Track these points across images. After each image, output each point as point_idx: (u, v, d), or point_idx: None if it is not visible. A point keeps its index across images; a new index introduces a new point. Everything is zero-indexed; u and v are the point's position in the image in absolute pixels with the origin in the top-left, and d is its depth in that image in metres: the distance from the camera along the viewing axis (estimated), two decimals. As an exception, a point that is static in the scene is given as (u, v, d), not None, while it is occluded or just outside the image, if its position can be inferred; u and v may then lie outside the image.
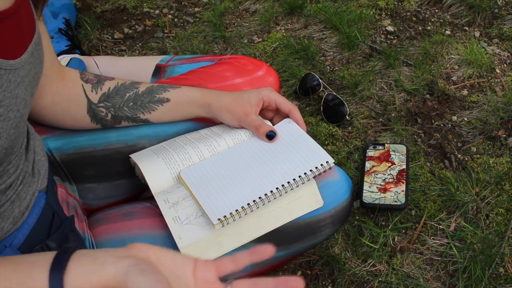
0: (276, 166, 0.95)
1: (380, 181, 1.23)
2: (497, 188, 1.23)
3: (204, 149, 0.98)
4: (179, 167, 0.96)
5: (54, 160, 0.99)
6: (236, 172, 0.96)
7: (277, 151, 0.98)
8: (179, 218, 0.90)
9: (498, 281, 1.10)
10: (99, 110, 0.96)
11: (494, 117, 1.35)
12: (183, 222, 0.89)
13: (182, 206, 0.91)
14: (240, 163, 0.97)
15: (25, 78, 0.71)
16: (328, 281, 1.13)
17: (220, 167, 0.97)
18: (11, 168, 0.76)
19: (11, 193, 0.78)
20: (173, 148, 0.98)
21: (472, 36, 1.55)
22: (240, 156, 0.99)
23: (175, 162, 0.96)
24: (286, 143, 0.99)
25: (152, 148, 1.00)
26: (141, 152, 0.99)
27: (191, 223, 0.89)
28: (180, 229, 0.88)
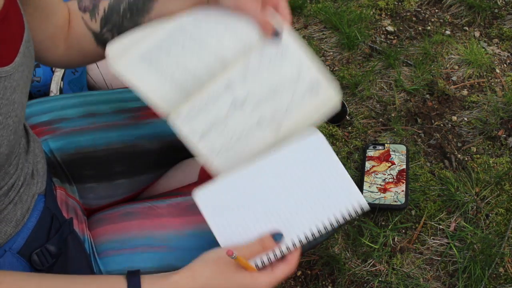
0: (304, 208, 0.84)
1: (380, 181, 1.23)
2: (497, 188, 1.23)
3: (212, 58, 0.85)
4: (182, 81, 0.85)
5: (55, 161, 0.99)
6: (257, 207, 0.84)
7: (307, 185, 0.85)
8: (214, 149, 0.82)
9: (498, 281, 1.10)
10: (105, 37, 0.91)
11: (494, 117, 1.35)
12: (218, 152, 0.83)
13: (213, 136, 0.83)
14: (262, 195, 0.85)
15: (20, 81, 0.71)
16: (328, 281, 1.13)
17: (239, 197, 0.85)
18: (11, 169, 0.76)
19: (13, 194, 0.78)
20: (172, 61, 0.86)
21: (472, 36, 1.55)
22: (264, 185, 0.86)
23: (175, 76, 0.85)
24: (318, 173, 0.86)
25: (143, 56, 0.86)
26: (132, 65, 0.86)
27: (225, 151, 0.83)
28: (214, 159, 0.82)
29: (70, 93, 1.30)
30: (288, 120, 0.82)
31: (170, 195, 0.98)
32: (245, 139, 0.83)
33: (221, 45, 0.85)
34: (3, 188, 0.76)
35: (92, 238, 0.92)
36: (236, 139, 0.83)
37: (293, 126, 0.83)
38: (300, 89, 0.82)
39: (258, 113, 0.83)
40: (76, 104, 1.05)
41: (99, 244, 0.91)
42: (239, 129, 0.83)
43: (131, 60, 0.86)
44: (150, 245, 0.90)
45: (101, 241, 0.91)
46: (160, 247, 0.90)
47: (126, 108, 1.06)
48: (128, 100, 1.08)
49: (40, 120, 1.02)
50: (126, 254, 0.89)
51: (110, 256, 0.89)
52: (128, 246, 0.90)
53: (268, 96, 0.83)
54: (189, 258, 0.91)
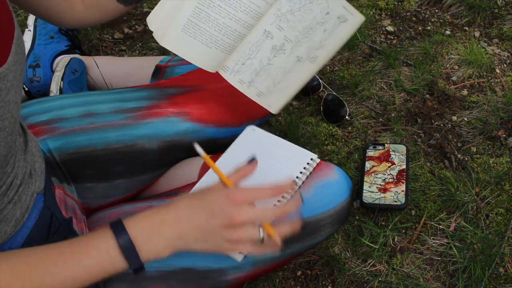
0: (267, 180, 0.93)
1: (380, 181, 1.23)
2: (497, 188, 1.23)
3: (248, 18, 0.93)
4: (224, 41, 0.93)
5: (53, 160, 1.00)
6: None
7: (259, 164, 0.95)
8: (261, 93, 0.98)
9: (498, 281, 1.10)
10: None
11: (494, 117, 1.35)
12: (266, 94, 0.98)
13: (259, 81, 0.97)
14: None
15: (13, 81, 0.70)
16: (328, 281, 1.13)
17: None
18: (8, 168, 0.76)
19: (11, 193, 0.78)
20: (214, 28, 0.92)
21: (472, 36, 1.55)
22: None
23: (229, 45, 0.94)
24: (264, 152, 0.97)
25: (184, 29, 0.92)
26: (177, 40, 0.93)
27: (273, 91, 0.97)
28: (266, 100, 0.98)
29: (69, 93, 1.30)
30: (322, 51, 0.96)
31: (169, 195, 0.98)
32: (289, 75, 0.97)
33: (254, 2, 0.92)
34: (2, 188, 0.76)
35: (92, 237, 0.91)
36: (280, 79, 0.97)
37: (328, 53, 0.96)
38: (330, 25, 0.93)
39: (296, 53, 0.96)
40: (75, 103, 1.05)
41: (98, 244, 0.90)
42: (282, 70, 0.97)
43: (174, 35, 0.93)
44: (149, 245, 0.90)
45: (101, 241, 0.91)
46: (159, 247, 0.90)
47: (125, 108, 1.06)
48: (128, 100, 1.08)
49: (39, 120, 1.02)
50: (125, 253, 0.89)
51: (110, 256, 0.89)
52: (128, 245, 0.90)
53: (303, 38, 0.95)
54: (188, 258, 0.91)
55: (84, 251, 0.71)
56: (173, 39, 0.92)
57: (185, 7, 0.90)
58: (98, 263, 0.72)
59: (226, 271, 0.93)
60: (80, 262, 0.71)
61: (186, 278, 0.91)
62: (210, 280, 0.92)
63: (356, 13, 0.93)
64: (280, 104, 1.00)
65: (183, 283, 0.91)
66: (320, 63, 0.97)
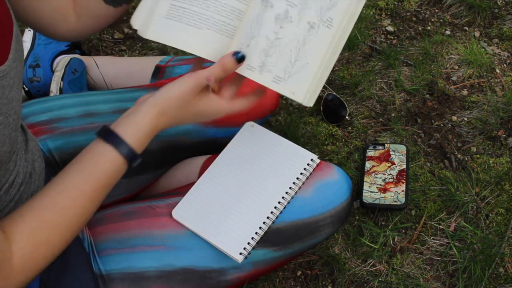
0: (268, 180, 0.93)
1: (380, 181, 1.23)
2: (497, 188, 1.23)
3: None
4: (230, 25, 0.81)
5: (53, 160, 0.99)
6: (229, 200, 0.93)
7: (259, 163, 0.95)
8: (278, 77, 0.80)
9: (498, 281, 1.10)
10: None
11: (494, 117, 1.35)
12: (284, 78, 0.80)
13: (271, 63, 0.80)
14: (228, 188, 0.93)
15: (15, 78, 0.71)
16: (328, 281, 1.13)
17: (210, 198, 0.93)
18: (11, 165, 0.76)
19: (13, 192, 0.78)
20: (200, 6, 0.81)
21: (472, 36, 1.55)
22: (224, 180, 0.95)
23: (223, 22, 0.81)
24: (264, 151, 0.96)
25: (168, 15, 0.83)
26: (162, 28, 0.83)
27: (292, 72, 0.80)
28: (286, 85, 0.80)
29: (69, 93, 1.30)
30: (337, 11, 0.80)
31: (169, 195, 0.98)
32: (305, 48, 0.80)
33: None
34: (5, 186, 0.76)
35: (92, 237, 0.92)
36: (296, 56, 0.80)
37: (344, 12, 0.80)
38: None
39: (306, 18, 0.80)
40: (75, 103, 1.05)
41: (98, 243, 0.91)
42: (295, 44, 0.80)
43: (158, 24, 0.83)
44: (149, 244, 0.90)
45: (101, 240, 0.91)
46: (159, 246, 0.91)
47: (125, 108, 1.06)
48: (128, 100, 1.08)
49: (39, 119, 1.02)
50: (125, 253, 0.90)
51: (110, 255, 0.89)
52: (128, 245, 0.90)
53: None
54: (188, 257, 0.91)
55: (98, 175, 0.75)
56: (158, 28, 0.83)
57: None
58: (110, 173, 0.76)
59: (226, 271, 0.93)
60: (100, 191, 0.76)
61: (186, 278, 0.91)
62: (210, 280, 0.92)
63: None
64: (305, 88, 0.81)
65: (183, 283, 0.91)
66: (339, 28, 0.80)
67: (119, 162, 0.75)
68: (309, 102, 0.81)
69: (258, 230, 0.90)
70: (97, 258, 0.89)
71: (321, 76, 0.81)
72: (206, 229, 0.90)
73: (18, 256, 0.68)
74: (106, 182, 0.75)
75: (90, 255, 0.89)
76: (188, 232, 0.92)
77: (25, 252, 0.69)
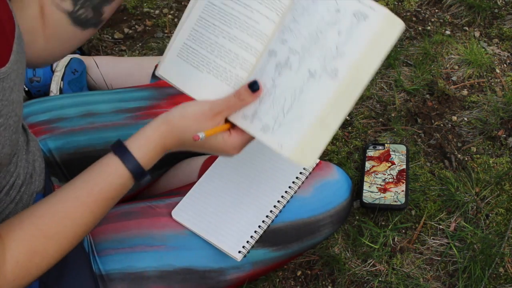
0: (267, 180, 0.93)
1: (380, 181, 1.23)
2: (497, 188, 1.23)
3: (245, 36, 0.78)
4: (232, 73, 0.78)
5: (53, 160, 1.00)
6: (228, 199, 0.93)
7: (258, 163, 0.94)
8: (267, 126, 0.74)
9: (498, 281, 1.10)
10: (80, 14, 0.90)
11: (494, 117, 1.35)
12: (273, 128, 0.74)
13: (263, 111, 0.75)
14: (227, 188, 0.92)
15: (16, 80, 0.70)
16: (328, 281, 1.13)
17: (210, 198, 0.93)
18: (11, 167, 0.76)
19: (14, 193, 0.78)
20: (207, 49, 0.80)
21: (472, 36, 1.55)
22: (224, 180, 0.94)
23: (224, 69, 0.79)
24: (263, 151, 0.94)
25: (179, 54, 0.81)
26: (171, 66, 0.82)
27: (283, 123, 0.73)
28: (275, 137, 0.73)
29: (69, 93, 1.30)
30: (344, 61, 0.72)
31: (169, 195, 0.98)
32: (301, 98, 0.73)
33: (252, 17, 0.78)
34: (5, 187, 0.76)
35: (92, 237, 0.92)
36: (291, 104, 0.73)
37: (353, 63, 0.72)
38: (344, 24, 0.72)
39: (307, 66, 0.73)
40: (75, 103, 1.05)
41: (98, 243, 0.91)
42: (291, 92, 0.74)
43: (169, 61, 0.82)
44: (149, 244, 0.90)
45: (100, 240, 0.91)
46: (159, 246, 0.91)
47: (125, 108, 1.06)
48: (128, 100, 1.08)
49: (39, 119, 1.02)
50: (125, 253, 0.90)
51: (109, 255, 0.90)
52: (127, 245, 0.90)
53: (312, 45, 0.74)
54: (188, 257, 0.91)
55: (102, 187, 0.74)
56: (168, 66, 0.82)
57: (182, 31, 0.82)
58: (114, 189, 0.76)
59: (225, 271, 0.93)
60: (102, 203, 0.75)
61: (186, 278, 0.91)
62: (210, 280, 0.92)
63: (377, 6, 0.71)
64: (295, 142, 0.73)
65: (182, 283, 0.91)
66: (347, 80, 0.72)
67: (124, 175, 0.74)
68: (302, 160, 0.73)
69: (257, 228, 0.90)
70: (96, 258, 0.89)
71: (321, 132, 0.73)
72: (206, 228, 0.90)
73: (12, 264, 0.67)
74: (109, 195, 0.74)
75: (89, 255, 0.89)
76: (188, 232, 0.92)
77: (19, 261, 0.68)
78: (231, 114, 0.76)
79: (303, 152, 0.72)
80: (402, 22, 0.71)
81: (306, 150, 0.73)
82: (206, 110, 0.75)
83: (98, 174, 0.74)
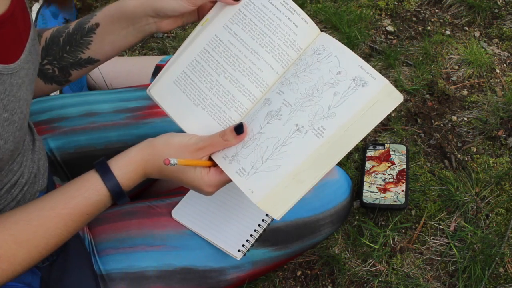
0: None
1: (380, 181, 1.23)
2: (497, 188, 1.23)
3: (247, 81, 0.79)
4: (226, 114, 0.79)
5: (55, 160, 1.00)
6: (228, 199, 0.93)
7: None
8: (243, 170, 0.75)
9: (498, 281, 1.10)
10: (46, 68, 0.90)
11: (494, 117, 1.35)
12: (249, 173, 0.74)
13: (243, 155, 0.76)
14: (227, 187, 0.88)
15: (25, 78, 0.71)
16: (328, 281, 1.13)
17: (210, 198, 0.92)
18: (15, 165, 0.77)
19: (16, 192, 0.78)
20: (206, 85, 0.80)
21: (472, 36, 1.55)
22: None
23: (219, 109, 0.79)
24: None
25: (176, 81, 0.82)
26: (165, 91, 0.82)
27: (259, 170, 0.74)
28: (248, 182, 0.74)
29: (70, 93, 1.30)
30: (333, 122, 0.73)
31: (169, 195, 0.98)
32: (282, 150, 0.74)
33: (257, 64, 0.79)
34: (6, 186, 0.76)
35: (92, 237, 0.92)
36: (271, 154, 0.75)
37: (341, 125, 0.73)
38: (342, 87, 0.74)
39: (295, 120, 0.75)
40: (76, 103, 1.05)
41: (99, 243, 0.91)
42: (274, 141, 0.75)
43: (164, 85, 0.82)
44: (149, 244, 0.90)
45: (101, 240, 0.91)
46: (159, 246, 0.91)
47: (126, 107, 1.06)
48: (128, 100, 1.08)
49: (40, 119, 1.03)
50: (125, 253, 0.90)
51: (110, 255, 0.90)
52: (128, 245, 0.90)
53: (306, 101, 0.75)
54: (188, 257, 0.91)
55: (78, 201, 0.74)
56: (162, 89, 0.82)
57: (183, 58, 0.81)
58: (93, 206, 0.76)
59: (225, 271, 0.93)
60: (77, 217, 0.74)
61: (186, 277, 0.91)
62: (210, 280, 0.92)
63: (379, 76, 0.73)
64: (265, 191, 0.73)
65: (183, 283, 0.91)
66: (332, 141, 0.73)
67: (101, 192, 0.74)
68: (269, 210, 0.73)
69: (257, 227, 0.90)
70: (97, 258, 0.89)
71: (294, 186, 0.73)
72: (205, 228, 0.91)
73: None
74: (84, 210, 0.74)
75: (90, 254, 0.89)
76: (188, 232, 0.92)
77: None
78: (214, 152, 0.77)
79: (272, 203, 0.73)
80: (401, 96, 0.72)
81: (276, 201, 0.73)
82: (191, 143, 0.76)
83: (77, 188, 0.74)
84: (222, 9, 0.81)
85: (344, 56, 0.76)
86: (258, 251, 0.94)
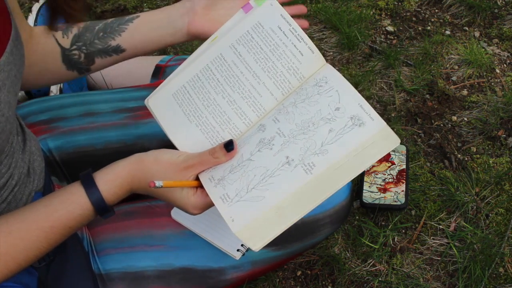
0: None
1: (380, 181, 1.23)
2: (497, 188, 1.23)
3: (244, 104, 0.79)
4: (219, 135, 0.79)
5: (53, 160, 1.00)
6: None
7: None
8: (227, 196, 0.73)
9: (498, 281, 1.10)
10: (72, 54, 0.90)
11: (494, 117, 1.35)
12: (233, 200, 0.73)
13: (229, 180, 0.74)
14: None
15: (6, 81, 0.70)
16: (328, 281, 1.13)
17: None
18: (2, 168, 0.76)
19: (5, 193, 0.77)
20: (203, 103, 0.79)
21: (472, 36, 1.55)
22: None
23: (213, 128, 0.79)
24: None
25: (175, 95, 0.81)
26: (163, 103, 0.81)
27: (242, 199, 0.73)
28: (230, 209, 0.72)
29: (69, 93, 1.30)
30: (323, 160, 0.71)
31: (169, 195, 0.98)
32: (269, 181, 0.73)
33: (257, 89, 0.78)
34: None
35: (92, 236, 0.92)
36: (257, 183, 0.73)
37: (330, 164, 0.71)
38: (338, 124, 0.73)
39: (286, 152, 0.73)
40: (75, 103, 1.05)
41: (98, 243, 0.91)
42: (262, 171, 0.73)
43: (162, 97, 0.82)
44: (148, 244, 0.90)
45: (100, 240, 0.91)
46: (158, 246, 0.91)
47: (125, 107, 1.06)
48: (128, 100, 1.08)
49: (39, 119, 1.02)
50: (125, 253, 0.90)
51: (109, 255, 0.89)
52: (127, 245, 0.90)
53: (300, 134, 0.74)
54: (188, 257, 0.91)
55: (61, 214, 0.73)
56: (160, 101, 0.82)
57: (185, 72, 0.81)
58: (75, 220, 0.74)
59: (225, 271, 0.93)
60: (59, 231, 0.73)
61: (186, 277, 0.91)
62: (210, 280, 0.92)
63: (377, 118, 0.71)
64: (246, 222, 0.71)
65: (182, 283, 0.91)
66: (319, 177, 0.71)
67: (85, 206, 0.73)
68: (248, 241, 0.70)
69: None
70: (96, 258, 0.89)
71: (276, 220, 0.71)
72: (204, 227, 0.90)
73: None
74: (67, 223, 0.72)
75: (89, 254, 0.89)
76: (187, 232, 0.92)
77: None
78: (203, 170, 0.76)
79: (251, 234, 0.71)
80: (398, 140, 0.70)
81: (255, 233, 0.71)
82: (180, 161, 0.74)
83: (60, 201, 0.73)
84: (232, 28, 0.81)
85: (345, 92, 0.74)
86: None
